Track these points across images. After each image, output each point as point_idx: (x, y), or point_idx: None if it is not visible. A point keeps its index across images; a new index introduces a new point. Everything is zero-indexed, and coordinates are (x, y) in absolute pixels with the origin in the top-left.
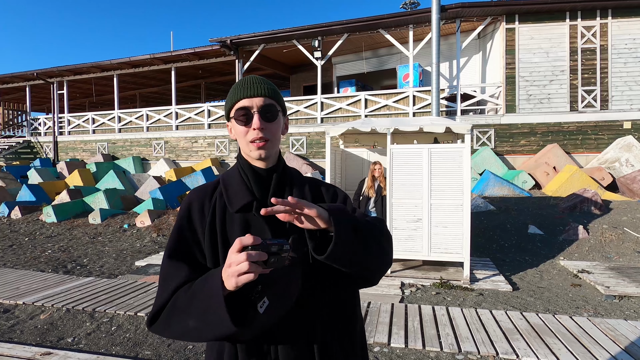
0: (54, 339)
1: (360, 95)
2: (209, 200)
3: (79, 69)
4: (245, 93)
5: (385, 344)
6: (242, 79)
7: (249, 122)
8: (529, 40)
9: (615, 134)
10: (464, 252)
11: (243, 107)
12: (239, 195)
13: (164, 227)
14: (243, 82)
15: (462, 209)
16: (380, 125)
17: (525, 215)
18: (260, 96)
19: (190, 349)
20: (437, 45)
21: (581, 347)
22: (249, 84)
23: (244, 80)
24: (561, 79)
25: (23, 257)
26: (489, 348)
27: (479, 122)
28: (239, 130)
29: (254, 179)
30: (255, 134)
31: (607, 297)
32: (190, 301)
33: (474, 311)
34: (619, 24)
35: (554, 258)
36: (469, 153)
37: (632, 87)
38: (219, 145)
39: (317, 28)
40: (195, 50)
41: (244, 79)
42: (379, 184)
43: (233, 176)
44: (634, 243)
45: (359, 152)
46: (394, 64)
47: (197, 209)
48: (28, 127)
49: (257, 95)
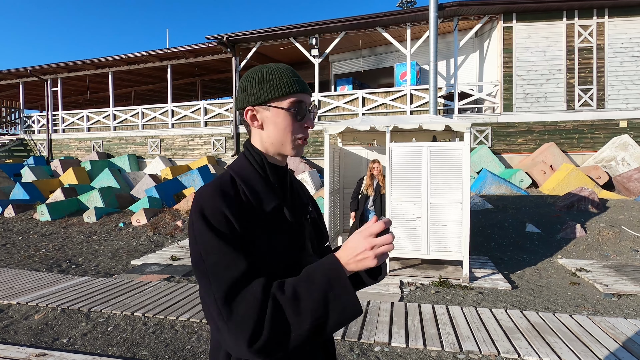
0: (49, 340)
1: (357, 93)
2: (239, 203)
3: (73, 66)
4: (302, 87)
5: (386, 343)
6: (286, 68)
7: (301, 117)
8: (526, 39)
9: (611, 132)
10: (463, 251)
11: (301, 101)
12: (269, 195)
13: (160, 226)
14: (293, 73)
15: (462, 208)
16: (379, 123)
17: (522, 213)
18: (311, 94)
19: (188, 349)
20: (435, 44)
21: (582, 346)
22: (299, 78)
23: (292, 71)
24: (558, 77)
25: (17, 256)
26: (490, 347)
27: (476, 120)
28: (287, 123)
29: (276, 176)
30: (304, 131)
31: (606, 295)
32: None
33: (474, 310)
34: (615, 23)
35: (552, 256)
36: (469, 151)
37: (628, 87)
38: (215, 143)
39: (315, 26)
40: (192, 47)
41: (288, 68)
42: (377, 182)
43: (250, 173)
44: (630, 241)
45: (357, 150)
46: (391, 62)
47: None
48: (21, 125)
49: (310, 92)
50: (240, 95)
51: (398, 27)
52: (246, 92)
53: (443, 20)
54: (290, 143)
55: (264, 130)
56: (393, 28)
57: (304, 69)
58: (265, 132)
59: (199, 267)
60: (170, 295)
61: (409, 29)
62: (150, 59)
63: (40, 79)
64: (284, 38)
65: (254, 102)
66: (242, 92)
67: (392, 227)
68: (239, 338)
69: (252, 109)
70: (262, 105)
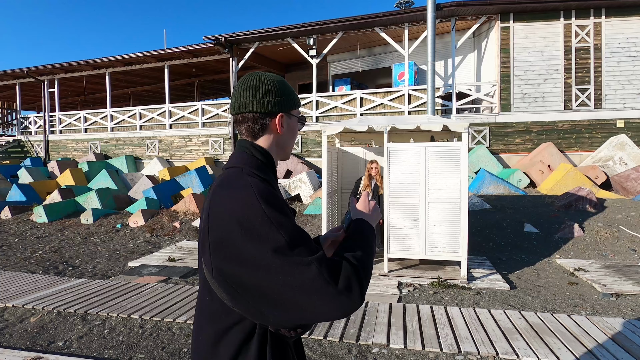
0: (45, 343)
1: (355, 93)
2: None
3: (70, 67)
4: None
5: (384, 344)
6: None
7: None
8: (524, 39)
9: (608, 132)
10: (461, 251)
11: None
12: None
13: (157, 227)
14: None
15: (460, 208)
16: (377, 124)
17: (521, 213)
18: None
19: (185, 351)
20: (433, 44)
21: (581, 347)
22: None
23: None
24: (555, 77)
25: (13, 258)
26: (488, 348)
27: (474, 120)
28: (296, 132)
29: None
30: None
31: (604, 295)
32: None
33: (472, 310)
34: (612, 23)
35: (550, 256)
36: (467, 151)
37: (625, 86)
38: (213, 144)
39: (313, 26)
40: (189, 48)
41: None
42: (375, 183)
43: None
44: (628, 241)
45: (355, 150)
46: (389, 63)
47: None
48: (18, 126)
49: None
50: (266, 99)
51: (396, 28)
52: (277, 98)
53: (441, 20)
54: (291, 146)
55: (281, 135)
56: (391, 28)
57: (302, 69)
58: (282, 137)
59: (284, 252)
60: (168, 297)
61: (406, 29)
62: (148, 60)
63: (37, 80)
64: (282, 38)
65: (286, 109)
66: (270, 97)
67: (391, 228)
68: (351, 297)
69: (284, 115)
70: (289, 113)
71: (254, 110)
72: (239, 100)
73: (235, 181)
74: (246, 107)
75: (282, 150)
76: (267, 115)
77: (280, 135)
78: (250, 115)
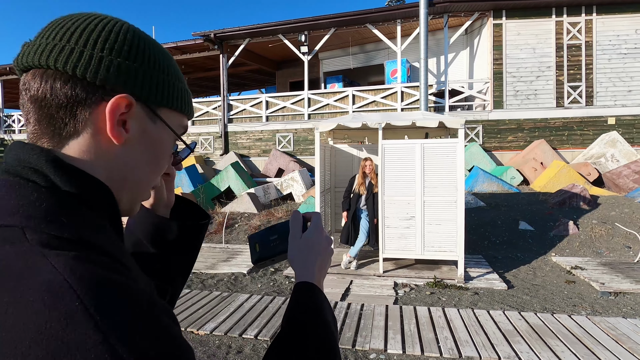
0: None
1: (348, 91)
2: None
3: None
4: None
5: (381, 350)
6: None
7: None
8: (516, 36)
9: (600, 129)
10: (458, 250)
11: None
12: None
13: None
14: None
15: (456, 206)
16: (372, 120)
17: (515, 211)
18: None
19: None
20: (425, 41)
21: (584, 349)
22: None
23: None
24: (547, 75)
25: None
26: (490, 352)
27: (467, 117)
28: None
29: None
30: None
31: (603, 293)
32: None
33: (471, 312)
34: (603, 20)
35: (546, 254)
36: (463, 148)
37: (615, 84)
38: (203, 142)
39: (304, 22)
40: (178, 44)
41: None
42: (370, 181)
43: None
44: (623, 238)
45: (349, 148)
46: (381, 60)
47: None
48: (1, 125)
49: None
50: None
51: (388, 24)
52: (129, 62)
53: (433, 17)
54: (154, 180)
55: (123, 146)
56: (383, 25)
57: (294, 66)
58: (127, 151)
59: None
60: None
61: (399, 25)
62: None
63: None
64: (273, 35)
65: (148, 95)
66: (114, 54)
67: (386, 227)
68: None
69: (138, 103)
70: (154, 106)
71: (66, 68)
72: (42, 39)
73: (19, 274)
74: (50, 55)
75: (130, 181)
76: (93, 89)
77: (119, 147)
78: (53, 77)
